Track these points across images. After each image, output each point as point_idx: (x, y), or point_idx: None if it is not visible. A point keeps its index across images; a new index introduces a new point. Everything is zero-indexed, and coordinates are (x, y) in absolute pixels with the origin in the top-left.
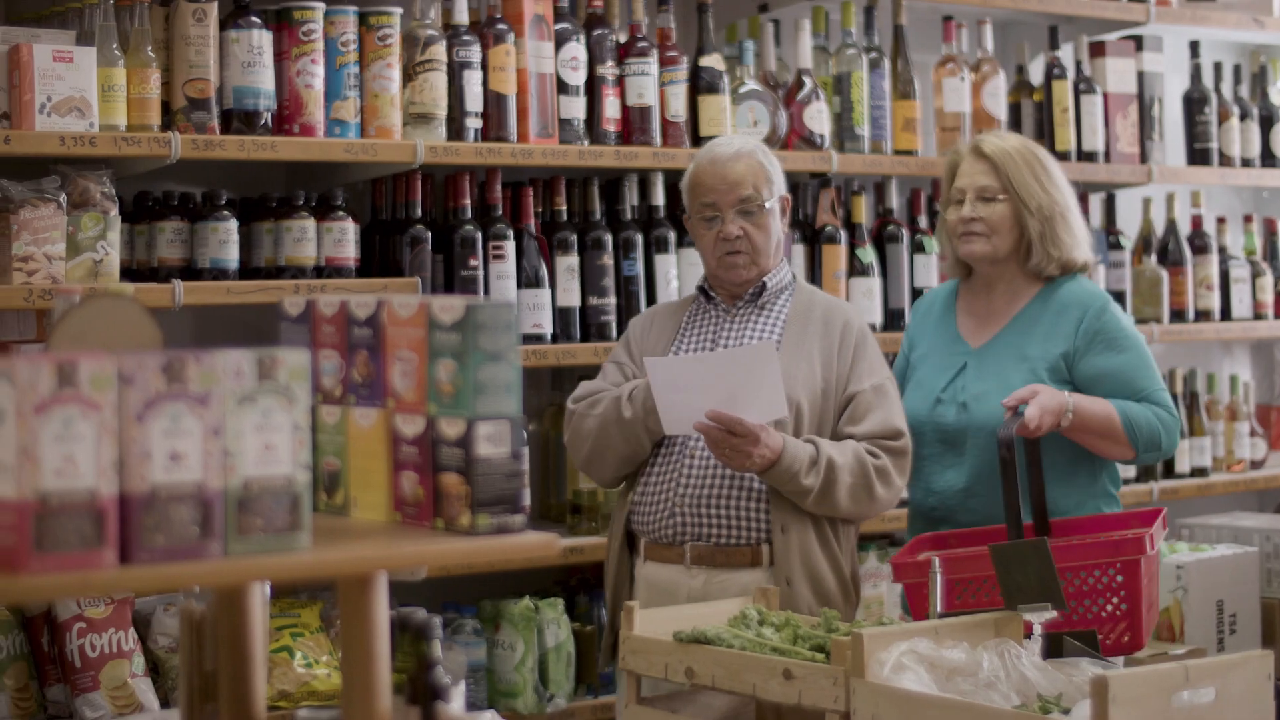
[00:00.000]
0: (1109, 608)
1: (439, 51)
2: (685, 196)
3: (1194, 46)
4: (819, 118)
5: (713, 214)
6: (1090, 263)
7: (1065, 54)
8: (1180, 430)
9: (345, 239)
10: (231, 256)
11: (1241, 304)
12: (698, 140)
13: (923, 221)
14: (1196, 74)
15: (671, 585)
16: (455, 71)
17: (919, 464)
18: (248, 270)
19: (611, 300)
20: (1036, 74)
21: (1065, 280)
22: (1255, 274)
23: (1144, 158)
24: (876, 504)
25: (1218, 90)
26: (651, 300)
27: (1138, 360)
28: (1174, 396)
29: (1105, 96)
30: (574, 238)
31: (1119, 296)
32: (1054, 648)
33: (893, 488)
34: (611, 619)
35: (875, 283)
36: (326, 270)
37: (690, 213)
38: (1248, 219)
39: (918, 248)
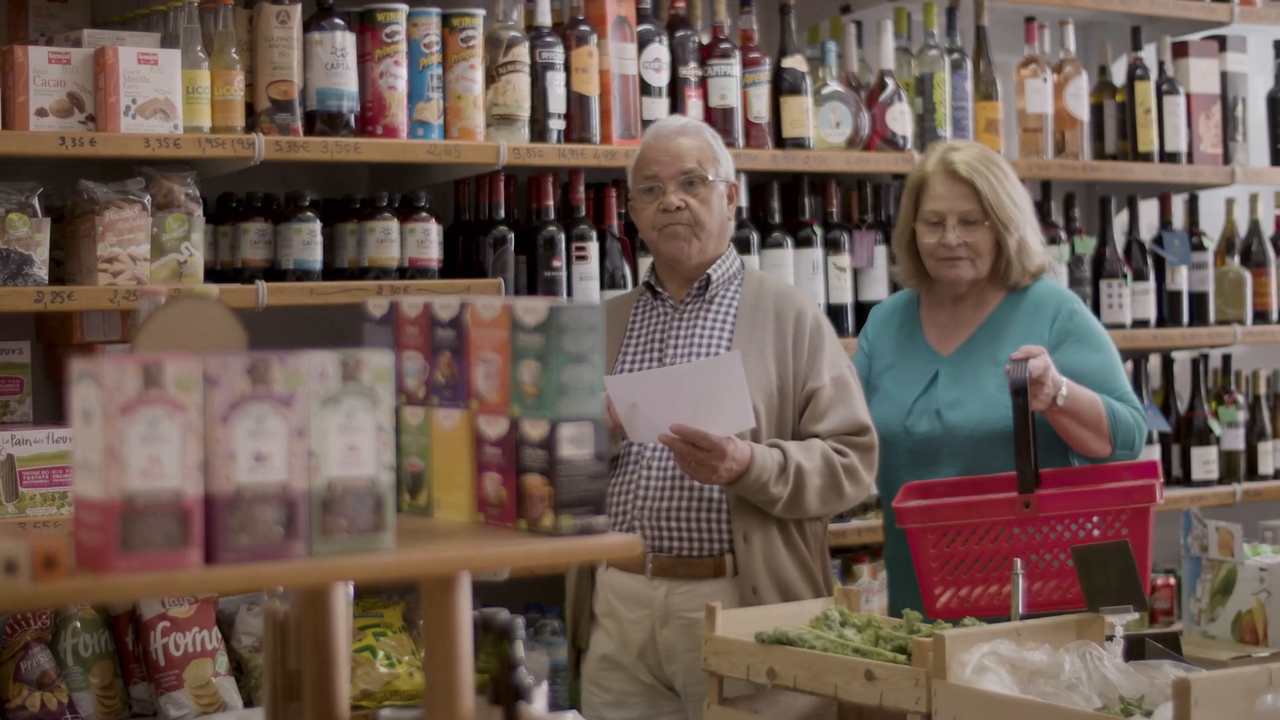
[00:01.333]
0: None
1: (522, 53)
2: (629, 178)
3: (1278, 46)
4: (901, 119)
5: (653, 184)
6: (1050, 263)
7: (1148, 54)
8: (1145, 436)
9: (428, 240)
10: (315, 257)
11: None
12: (780, 142)
13: None
14: None
15: (634, 593)
16: (538, 73)
17: (891, 475)
18: (331, 271)
19: None
20: (1119, 75)
21: (1034, 284)
22: None
23: (1227, 158)
24: (845, 502)
25: None
26: None
27: (1111, 360)
28: (1257, 398)
29: (1188, 97)
30: None
31: (1201, 298)
32: (1135, 649)
33: (861, 485)
34: (573, 631)
35: None
36: (409, 271)
37: (632, 190)
38: None
39: None
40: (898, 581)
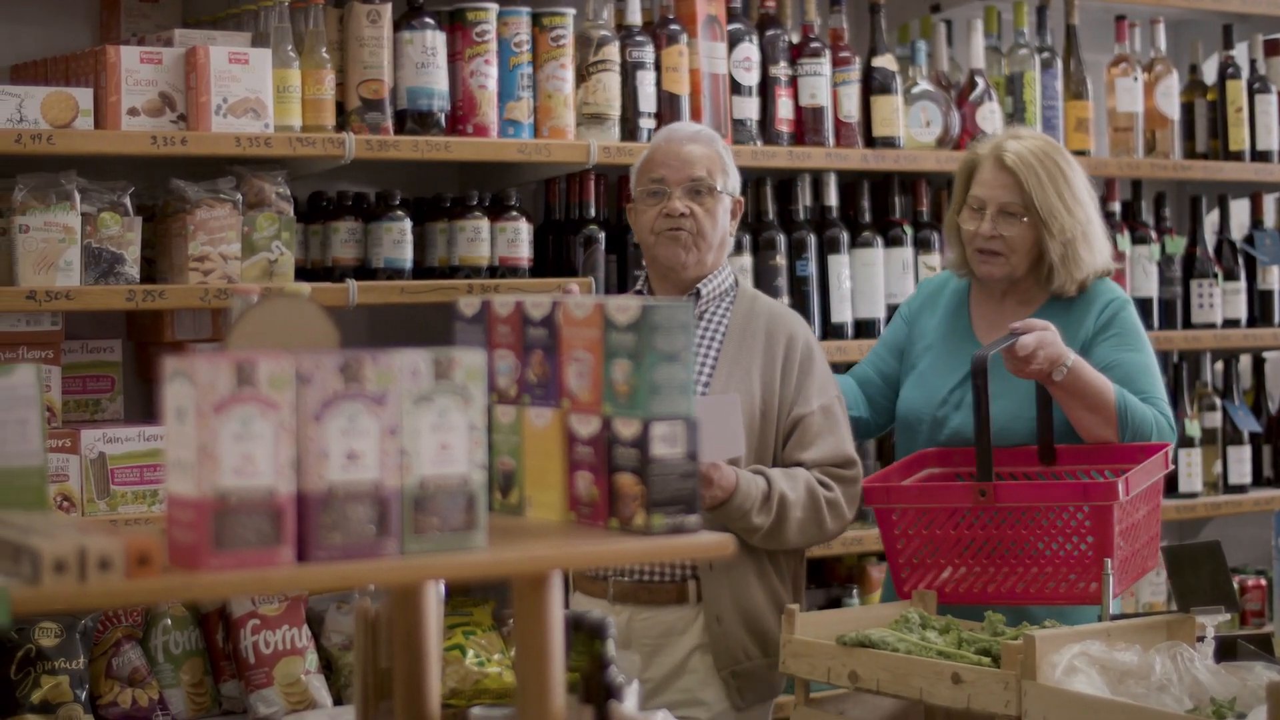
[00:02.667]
0: (1076, 551)
1: (612, 52)
2: (633, 179)
3: None
4: (991, 118)
5: (659, 188)
6: (1111, 269)
7: (1239, 53)
8: (1172, 438)
9: (519, 239)
10: (405, 256)
11: None
12: (871, 141)
13: None
14: None
15: None
16: (629, 72)
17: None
18: (421, 270)
19: (784, 300)
20: (1210, 73)
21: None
22: None
23: None
24: (824, 536)
25: None
26: (825, 301)
27: (1145, 360)
28: None
29: None
30: (747, 238)
31: None
32: (1227, 650)
33: (841, 520)
34: None
35: None
36: (500, 270)
37: (635, 192)
38: None
39: None
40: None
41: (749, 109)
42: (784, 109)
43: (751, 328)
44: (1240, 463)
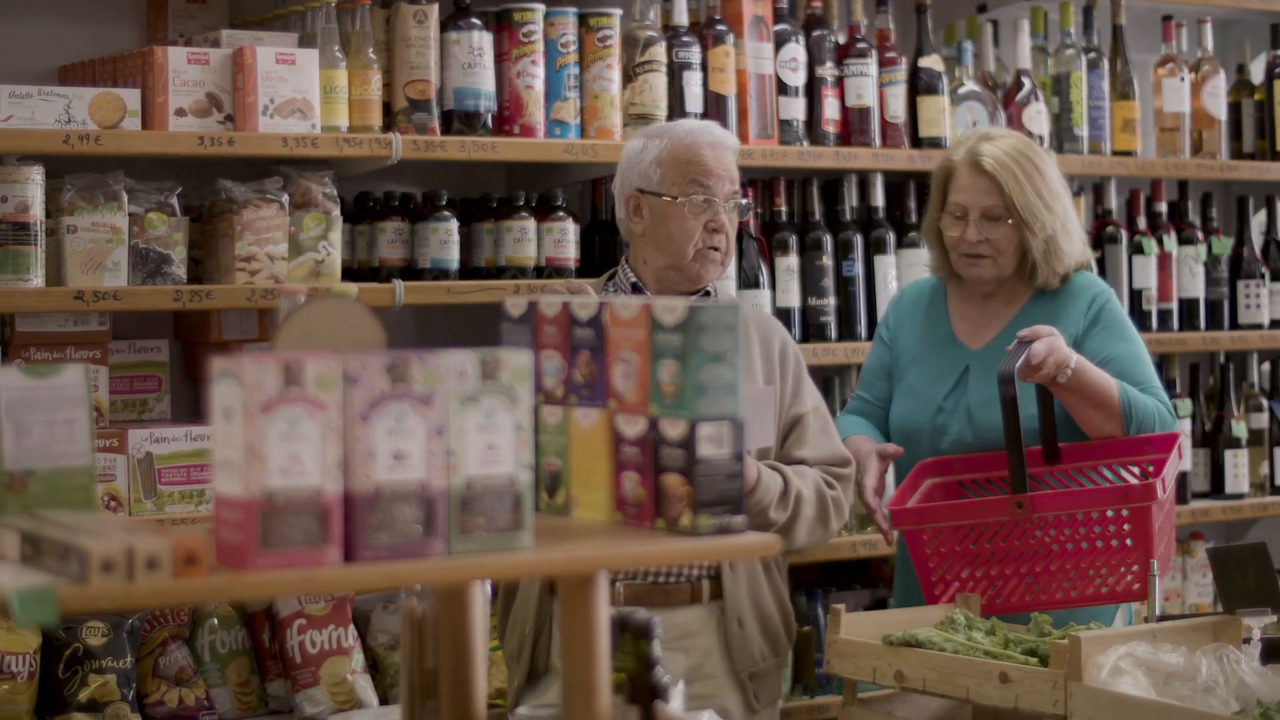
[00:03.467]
0: (1119, 552)
1: (659, 52)
2: (657, 170)
3: None
4: (1038, 119)
5: (707, 198)
6: (1090, 260)
7: None
8: (1173, 425)
9: (565, 239)
10: (452, 256)
11: None
12: (917, 142)
13: (1141, 223)
14: None
15: None
16: (675, 72)
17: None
18: (468, 270)
19: (831, 301)
20: (1257, 73)
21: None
22: None
23: None
24: (826, 537)
25: None
26: (871, 302)
27: (1140, 352)
28: None
29: None
30: (793, 238)
31: None
32: (1273, 652)
33: (841, 520)
34: (531, 648)
35: None
36: (547, 270)
37: (665, 190)
38: None
39: (1137, 249)
40: (906, 582)
41: (795, 109)
42: (830, 109)
43: (745, 329)
44: None
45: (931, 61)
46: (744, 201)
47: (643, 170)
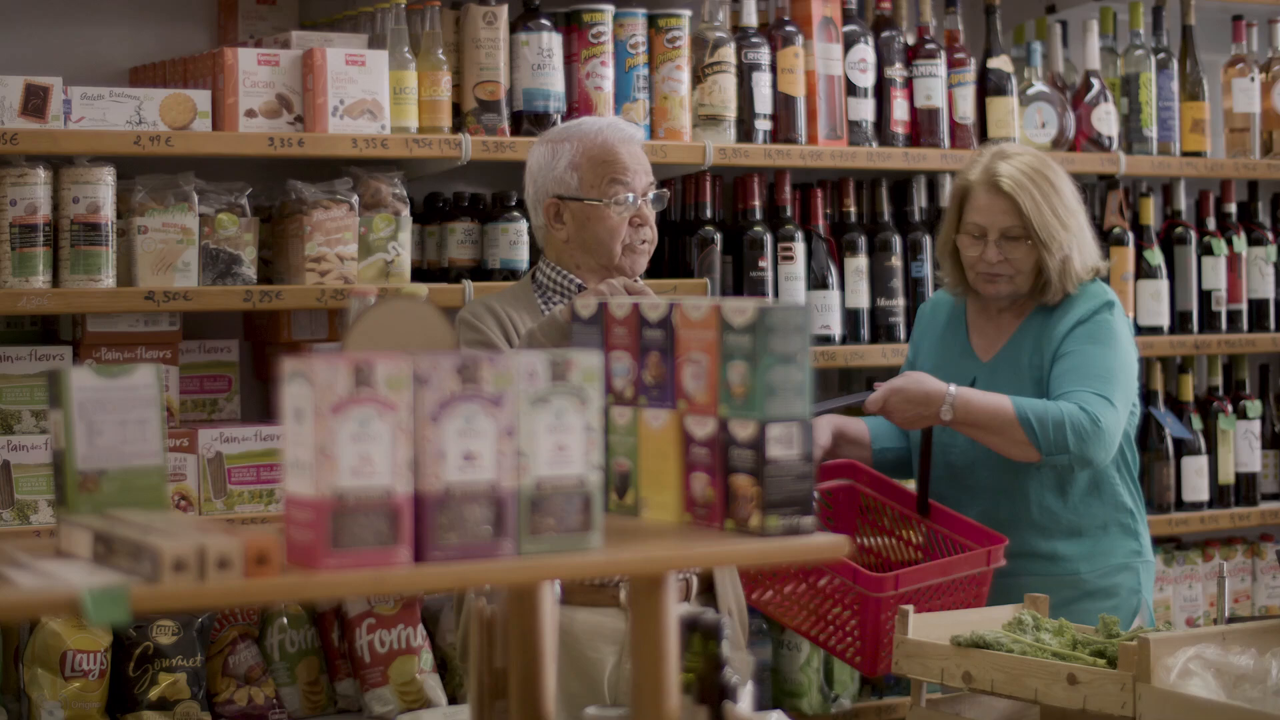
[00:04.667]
0: (846, 630)
1: (728, 53)
2: (573, 174)
3: None
4: (1107, 119)
5: (629, 192)
6: (1103, 268)
7: None
8: (1101, 441)
9: None
10: (521, 257)
11: None
12: (986, 143)
13: (1210, 223)
14: None
15: (598, 630)
16: (744, 73)
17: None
18: None
19: (900, 302)
20: None
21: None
22: None
23: None
24: None
25: None
26: None
27: (1105, 356)
28: None
29: None
30: (862, 239)
31: None
32: None
33: None
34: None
35: (1163, 285)
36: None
37: (583, 194)
38: None
39: (1206, 250)
40: None
41: (864, 111)
42: (899, 110)
43: None
44: None
45: (1000, 62)
46: (660, 191)
47: (557, 176)
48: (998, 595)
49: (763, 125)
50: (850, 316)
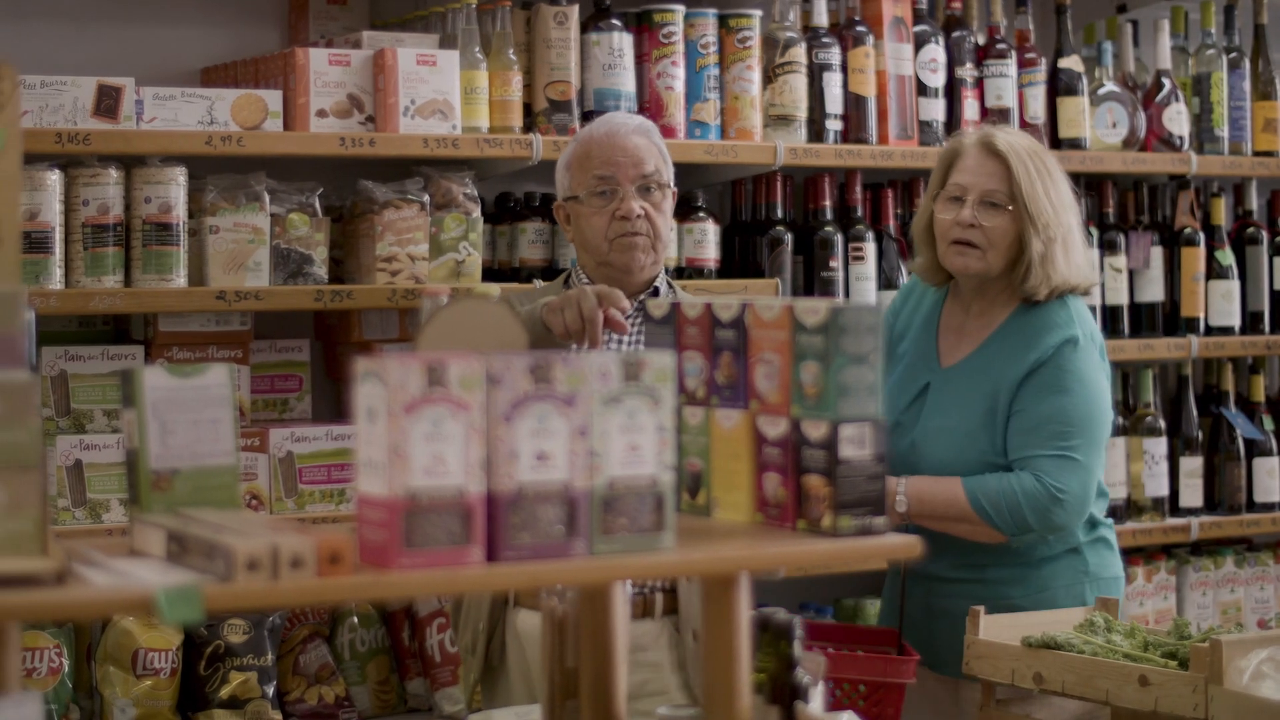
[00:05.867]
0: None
1: (799, 54)
2: (567, 175)
3: None
4: (1178, 119)
5: (608, 187)
6: (1091, 285)
7: None
8: (1065, 509)
9: (705, 240)
10: None
11: None
12: (1056, 143)
13: None
14: None
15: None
16: (815, 73)
17: None
18: None
19: None
20: None
21: (1053, 301)
22: None
23: None
24: None
25: None
26: None
27: (1069, 406)
28: None
29: None
30: None
31: None
32: None
33: None
34: (487, 641)
35: (1234, 285)
36: (687, 271)
37: (574, 192)
38: None
39: (1277, 250)
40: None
41: (935, 111)
42: (970, 110)
43: None
44: None
45: (1071, 62)
46: (660, 178)
47: (560, 180)
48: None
49: (833, 125)
50: None
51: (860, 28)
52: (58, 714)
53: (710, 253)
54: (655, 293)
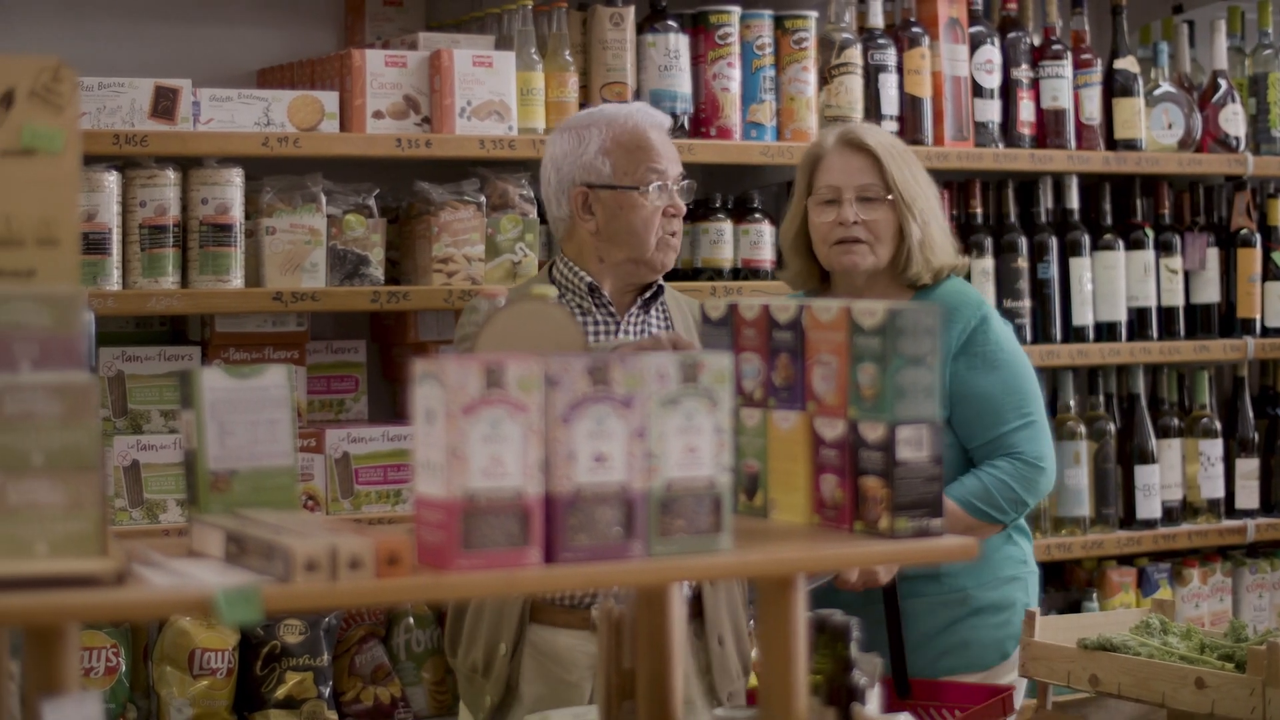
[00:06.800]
0: None
1: (854, 55)
2: (616, 158)
3: None
4: (1234, 120)
5: (662, 182)
6: (962, 266)
7: None
8: (1047, 472)
9: (761, 241)
10: None
11: None
12: (1112, 144)
13: None
14: None
15: (567, 653)
16: (870, 74)
17: None
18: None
19: (1026, 303)
20: None
21: (942, 283)
22: None
23: None
24: None
25: None
26: (1065, 304)
27: (1007, 380)
28: None
29: None
30: (988, 240)
31: None
32: None
33: None
34: (506, 663)
35: None
36: (743, 272)
37: (630, 181)
38: None
39: None
40: None
41: (991, 111)
42: (1025, 111)
43: (687, 322)
44: None
45: (1127, 63)
46: (688, 182)
47: (586, 163)
48: None
49: (889, 126)
50: None
51: (916, 29)
52: (115, 713)
53: (766, 254)
54: (659, 291)
